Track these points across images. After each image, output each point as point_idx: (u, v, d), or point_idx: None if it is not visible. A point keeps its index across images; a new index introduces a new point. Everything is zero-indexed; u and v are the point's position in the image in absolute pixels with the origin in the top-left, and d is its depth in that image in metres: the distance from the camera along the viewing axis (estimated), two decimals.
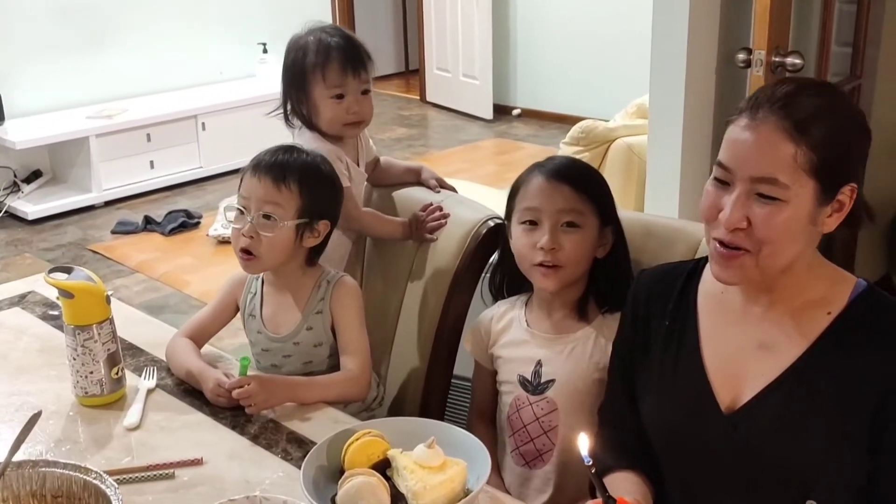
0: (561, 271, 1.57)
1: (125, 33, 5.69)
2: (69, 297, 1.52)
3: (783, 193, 1.17)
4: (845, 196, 1.20)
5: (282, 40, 6.90)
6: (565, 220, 1.56)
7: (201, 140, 5.64)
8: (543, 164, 1.63)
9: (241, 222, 1.61)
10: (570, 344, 1.60)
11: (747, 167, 1.18)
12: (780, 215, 1.17)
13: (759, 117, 1.18)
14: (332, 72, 1.82)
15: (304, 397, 1.57)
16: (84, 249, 4.68)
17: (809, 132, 1.16)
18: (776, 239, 1.19)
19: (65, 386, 1.61)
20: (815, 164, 1.16)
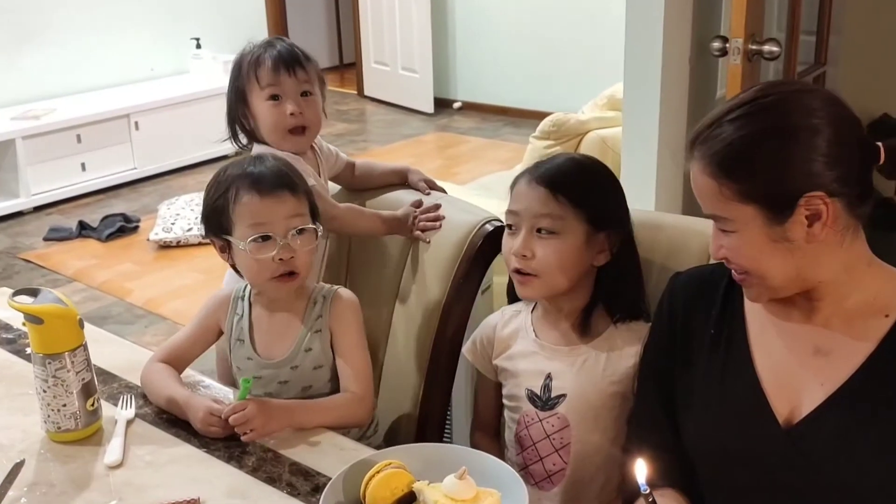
0: (537, 280, 1.46)
1: (52, 29, 5.41)
2: (38, 322, 1.36)
3: (731, 225, 1.17)
4: (817, 205, 1.12)
5: (215, 34, 6.76)
6: (540, 226, 1.45)
7: (135, 140, 5.41)
8: (538, 164, 1.51)
9: (269, 249, 1.47)
10: (581, 356, 1.49)
11: (703, 205, 1.21)
12: (740, 243, 1.18)
13: (688, 160, 1.20)
14: (264, 70, 1.72)
15: (305, 421, 1.43)
16: (15, 258, 4.43)
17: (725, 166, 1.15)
18: (752, 265, 1.18)
19: (32, 420, 1.45)
20: (743, 192, 1.14)
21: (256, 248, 1.47)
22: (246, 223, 1.48)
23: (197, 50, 5.98)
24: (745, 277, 1.21)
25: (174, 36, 6.00)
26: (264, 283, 1.52)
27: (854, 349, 1.17)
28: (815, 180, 1.12)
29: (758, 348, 1.25)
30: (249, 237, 1.47)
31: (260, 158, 1.55)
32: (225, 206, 1.49)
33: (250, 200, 1.47)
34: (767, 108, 1.15)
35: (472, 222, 1.69)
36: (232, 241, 1.50)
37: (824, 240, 1.15)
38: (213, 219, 1.53)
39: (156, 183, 5.46)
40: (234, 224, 1.49)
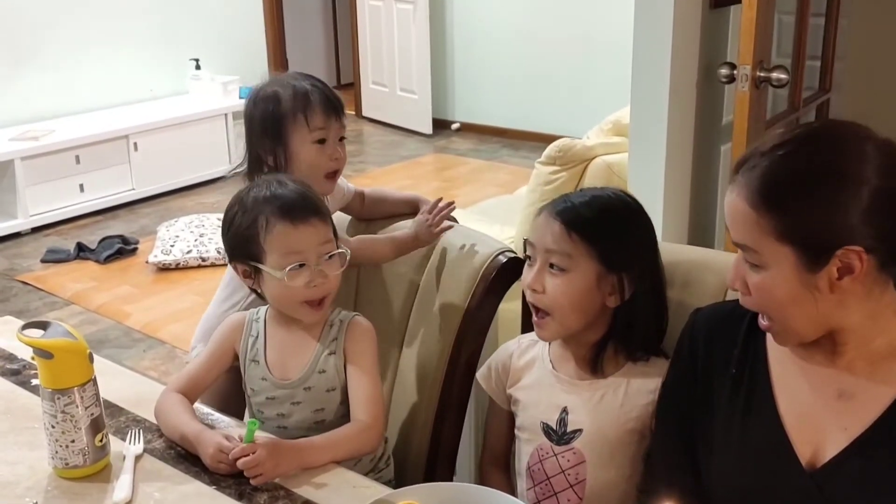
0: (551, 321, 1.43)
1: (51, 50, 5.40)
2: (47, 357, 1.34)
3: (760, 260, 1.14)
4: (851, 259, 1.09)
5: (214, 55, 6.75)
6: (551, 261, 1.42)
7: (133, 161, 5.39)
8: (565, 196, 1.48)
9: (303, 276, 1.47)
10: (599, 391, 1.47)
11: (732, 234, 1.17)
12: (766, 282, 1.14)
13: (730, 184, 1.17)
14: (316, 115, 1.71)
15: (315, 461, 1.40)
16: (12, 280, 4.39)
17: (769, 199, 1.11)
18: (772, 307, 1.16)
19: (38, 455, 1.42)
20: (782, 230, 1.11)
21: (292, 276, 1.47)
22: (280, 252, 1.47)
23: (196, 71, 5.98)
24: (770, 325, 1.18)
25: (173, 57, 6.00)
26: (295, 309, 1.52)
27: (878, 394, 1.15)
28: (856, 233, 1.08)
29: (780, 389, 1.22)
30: (285, 266, 1.46)
31: (280, 181, 1.54)
32: (254, 234, 1.48)
33: (283, 229, 1.47)
34: (823, 149, 1.12)
35: (486, 253, 1.67)
36: (263, 269, 1.49)
37: (850, 290, 1.12)
38: (240, 247, 1.52)
39: (154, 204, 5.43)
40: (266, 252, 1.48)
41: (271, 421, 1.55)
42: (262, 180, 1.54)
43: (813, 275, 1.11)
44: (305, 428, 1.52)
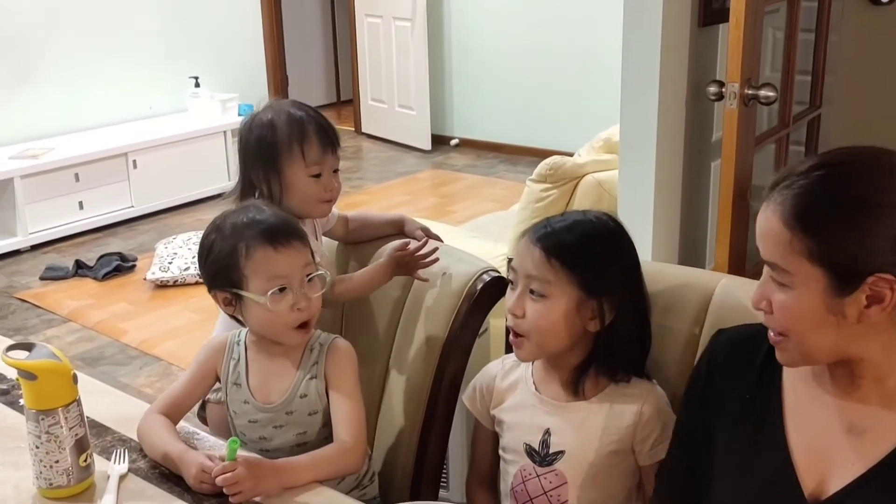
0: (527, 343, 1.44)
1: (50, 68, 5.44)
2: (31, 378, 1.35)
3: (789, 280, 1.13)
4: (882, 288, 1.09)
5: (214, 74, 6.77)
6: (531, 287, 1.43)
7: (132, 178, 5.42)
8: (548, 220, 1.47)
9: (286, 300, 1.48)
10: (581, 413, 1.47)
11: (761, 251, 1.16)
12: (793, 302, 1.14)
13: (764, 204, 1.16)
14: (313, 149, 1.71)
15: (296, 480, 1.41)
16: (11, 298, 4.41)
17: (805, 219, 1.11)
18: (795, 328, 1.15)
19: (23, 475, 1.43)
20: (815, 252, 1.11)
21: (275, 301, 1.47)
22: (263, 277, 1.48)
23: (195, 89, 6.01)
24: (781, 340, 1.18)
25: (172, 75, 6.03)
26: (280, 333, 1.52)
27: (890, 429, 1.15)
28: (889, 262, 1.08)
29: (792, 419, 1.22)
30: (267, 291, 1.47)
31: (257, 207, 1.55)
32: (235, 261, 1.48)
33: (266, 255, 1.47)
34: (862, 174, 1.12)
35: (470, 273, 1.68)
36: (245, 295, 1.49)
37: (875, 321, 1.11)
38: (221, 274, 1.51)
39: (153, 221, 5.46)
40: (248, 278, 1.48)
41: (254, 444, 1.56)
42: (239, 207, 1.55)
43: (840, 300, 1.11)
44: (288, 450, 1.53)
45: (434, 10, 6.83)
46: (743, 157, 2.53)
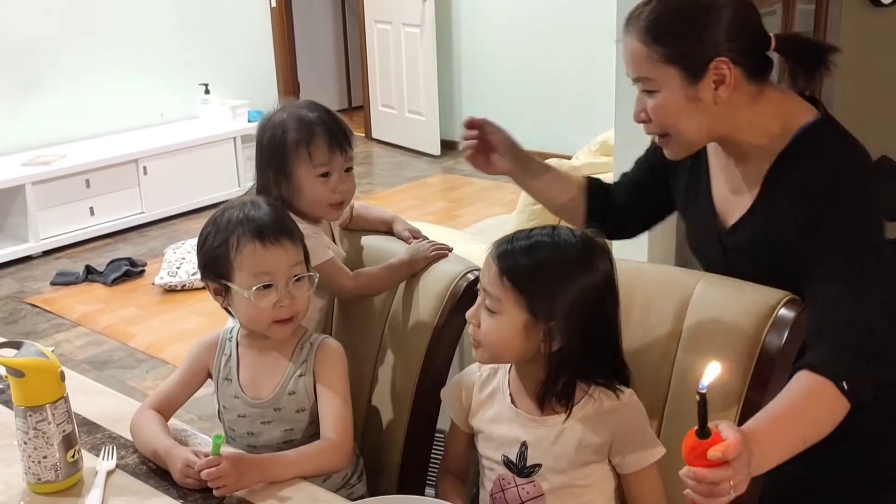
0: (482, 350, 1.45)
1: (61, 76, 5.51)
2: (19, 375, 1.38)
3: (655, 85, 1.50)
4: (722, 69, 1.46)
5: (224, 80, 6.81)
6: (486, 301, 1.43)
7: (143, 184, 5.47)
8: (514, 235, 1.45)
9: (270, 296, 1.51)
10: (557, 427, 1.46)
11: (630, 73, 1.53)
12: (661, 101, 1.51)
13: (623, 36, 1.53)
14: (319, 149, 1.70)
15: (280, 475, 1.44)
16: (21, 303, 4.47)
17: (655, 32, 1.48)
18: (669, 122, 1.52)
19: (13, 471, 1.47)
20: (668, 55, 1.47)
21: (259, 296, 1.50)
22: (249, 272, 1.51)
23: (206, 95, 6.07)
24: (665, 139, 1.55)
25: (183, 81, 6.10)
26: (263, 327, 1.55)
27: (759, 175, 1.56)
28: (722, 48, 1.46)
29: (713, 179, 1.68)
30: (252, 286, 1.50)
31: (255, 203, 1.57)
32: (226, 253, 1.52)
33: (253, 250, 1.50)
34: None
35: (455, 272, 1.71)
36: (232, 287, 1.53)
37: (729, 101, 1.49)
38: (211, 265, 1.56)
39: (163, 227, 5.51)
40: (235, 271, 1.52)
41: (242, 439, 1.59)
42: (237, 201, 1.58)
43: (695, 88, 1.48)
44: (275, 447, 1.56)
45: (443, 17, 6.87)
46: None
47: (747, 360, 1.47)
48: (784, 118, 1.54)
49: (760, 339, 1.46)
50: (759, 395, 1.45)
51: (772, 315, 1.47)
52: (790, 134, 1.52)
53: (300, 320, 1.58)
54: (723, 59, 1.45)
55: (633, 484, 1.48)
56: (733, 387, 1.48)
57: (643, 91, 1.52)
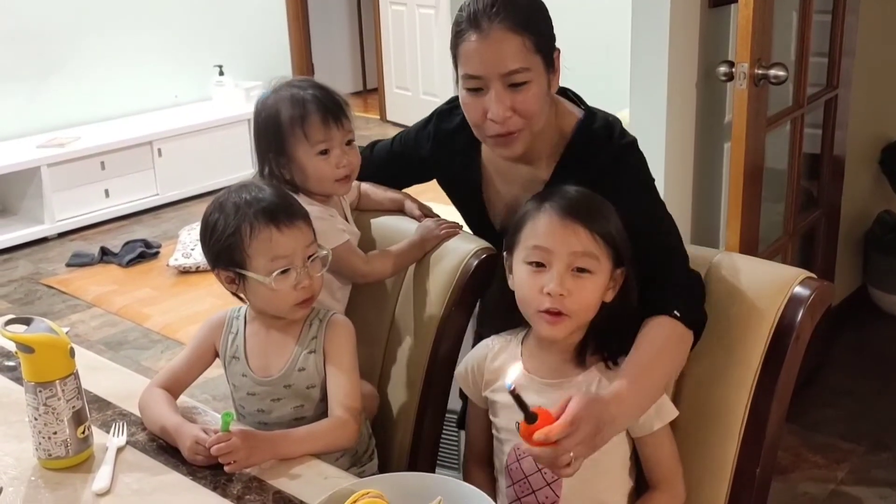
0: (567, 320, 1.42)
1: (76, 59, 5.51)
2: (29, 351, 1.38)
3: (529, 76, 1.52)
4: (559, 61, 1.58)
5: (238, 62, 6.78)
6: (577, 265, 1.41)
7: (157, 166, 5.48)
8: (554, 197, 1.46)
9: (289, 279, 1.50)
10: (571, 390, 1.44)
11: (497, 67, 1.50)
12: (532, 94, 1.53)
13: (485, 28, 1.50)
14: (314, 127, 1.66)
15: (289, 452, 1.44)
16: (37, 284, 4.49)
17: (526, 23, 1.51)
18: (536, 113, 1.55)
19: (25, 447, 1.47)
20: (536, 44, 1.52)
21: (279, 281, 1.49)
22: (266, 258, 1.49)
23: (220, 77, 6.06)
24: (513, 137, 1.55)
25: (197, 64, 6.09)
26: (283, 311, 1.54)
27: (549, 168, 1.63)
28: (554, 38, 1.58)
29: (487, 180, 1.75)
30: (271, 271, 1.48)
31: (258, 186, 1.55)
32: (239, 241, 1.49)
33: (270, 235, 1.48)
34: None
35: (466, 250, 1.69)
36: (248, 275, 1.51)
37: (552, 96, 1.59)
38: (224, 254, 1.53)
39: (178, 209, 5.52)
40: (251, 258, 1.50)
41: (252, 416, 1.59)
42: (239, 185, 1.55)
43: (548, 77, 1.56)
44: (286, 423, 1.55)
45: None
46: (754, 137, 2.52)
47: (762, 336, 1.46)
48: (561, 118, 1.64)
49: (775, 316, 1.45)
50: (774, 371, 1.44)
51: (787, 292, 1.45)
52: (568, 134, 1.63)
53: (316, 299, 1.57)
54: (558, 48, 1.58)
55: (647, 447, 1.48)
56: (748, 363, 1.46)
57: (507, 88, 1.51)
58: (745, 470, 1.48)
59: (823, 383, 3.15)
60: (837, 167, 3.19)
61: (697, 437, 1.52)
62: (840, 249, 3.35)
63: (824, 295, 1.46)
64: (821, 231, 3.24)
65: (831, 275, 3.29)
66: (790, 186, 2.92)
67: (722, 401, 1.49)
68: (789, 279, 1.47)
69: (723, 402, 1.49)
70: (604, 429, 1.32)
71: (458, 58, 1.57)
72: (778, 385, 1.44)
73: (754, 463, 1.47)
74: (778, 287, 1.47)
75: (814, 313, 1.45)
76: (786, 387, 1.46)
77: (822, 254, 3.27)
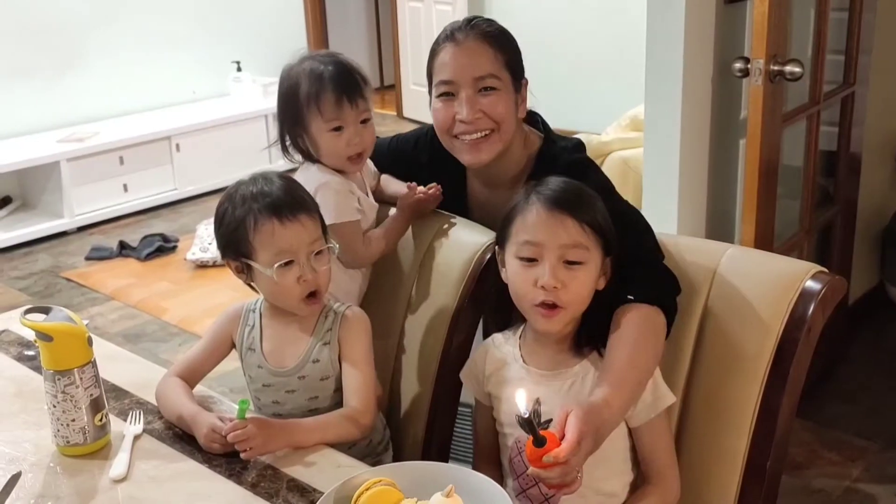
0: (562, 312, 1.43)
1: (95, 55, 5.56)
2: (48, 339, 1.41)
3: (497, 83, 1.68)
4: (525, 90, 1.75)
5: (255, 58, 6.81)
6: (568, 258, 1.42)
7: (175, 161, 5.52)
8: (540, 188, 1.47)
9: (292, 272, 1.51)
10: (568, 380, 1.48)
11: (469, 72, 1.66)
12: (499, 100, 1.68)
13: (460, 39, 1.67)
14: (328, 104, 1.68)
15: (304, 440, 1.46)
16: (57, 277, 4.53)
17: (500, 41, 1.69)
18: (503, 117, 1.67)
19: (44, 434, 1.50)
20: (505, 61, 1.68)
21: (281, 273, 1.51)
22: (269, 251, 1.51)
23: (237, 73, 6.09)
24: (485, 139, 1.68)
25: (215, 59, 6.12)
26: (289, 304, 1.56)
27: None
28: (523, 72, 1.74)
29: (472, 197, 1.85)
30: (274, 264, 1.50)
31: (267, 178, 1.56)
32: (244, 234, 1.51)
33: (272, 229, 1.50)
34: None
35: (479, 243, 1.70)
36: (253, 266, 1.53)
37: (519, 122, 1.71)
38: (232, 244, 1.55)
39: (196, 203, 5.55)
40: (256, 250, 1.52)
41: (267, 407, 1.60)
42: (252, 177, 1.57)
43: (516, 97, 1.71)
44: (300, 415, 1.56)
45: None
46: (769, 134, 2.52)
47: (773, 330, 1.46)
48: (529, 145, 1.77)
49: (786, 310, 1.45)
50: (785, 364, 1.45)
51: (798, 286, 1.46)
52: (531, 159, 1.75)
53: (325, 293, 1.58)
54: (526, 79, 1.74)
55: (645, 436, 1.49)
56: (759, 357, 1.47)
57: (478, 91, 1.66)
58: (755, 463, 1.48)
59: (839, 380, 3.15)
60: (854, 164, 3.18)
61: (708, 429, 1.52)
62: (857, 246, 3.34)
63: (836, 289, 1.46)
64: (837, 228, 3.23)
65: (848, 272, 3.28)
66: (806, 183, 2.91)
67: (733, 394, 1.50)
68: (801, 273, 1.47)
69: (733, 396, 1.50)
70: (600, 433, 1.35)
71: (433, 70, 1.72)
72: (789, 379, 1.45)
73: (765, 456, 1.47)
74: (789, 281, 1.47)
75: (825, 307, 1.45)
76: (796, 381, 1.46)
77: (838, 250, 3.26)
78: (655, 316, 1.48)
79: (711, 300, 1.54)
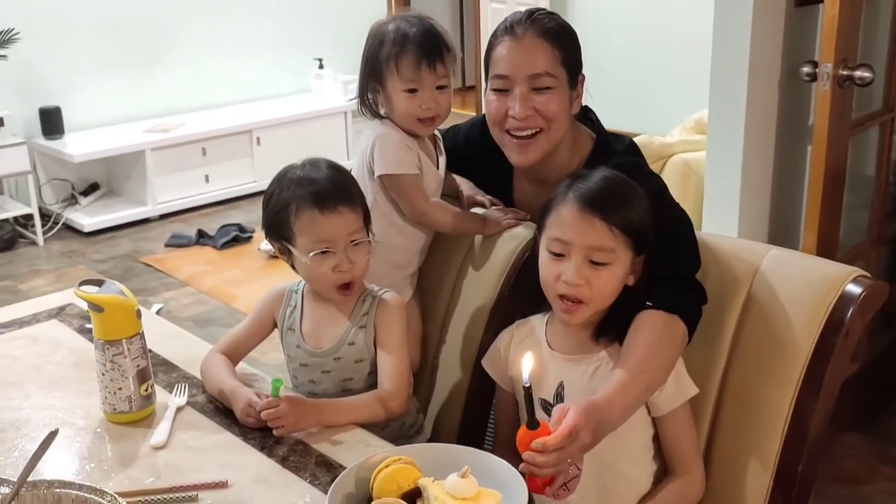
0: (584, 308, 1.45)
1: (182, 49, 5.74)
2: (99, 310, 1.48)
3: (553, 82, 1.65)
4: (582, 86, 1.72)
5: (337, 56, 6.91)
6: (594, 259, 1.43)
7: (256, 154, 5.65)
8: (579, 182, 1.48)
9: (329, 261, 1.55)
10: (593, 364, 1.49)
11: (525, 69, 1.64)
12: (554, 98, 1.65)
13: (518, 34, 1.65)
14: (406, 65, 1.70)
15: (335, 420, 1.50)
16: (136, 262, 4.70)
17: (559, 38, 1.66)
18: (556, 116, 1.66)
19: (94, 402, 1.57)
20: (563, 58, 1.65)
21: (317, 261, 1.55)
22: (308, 238, 1.55)
23: (319, 70, 6.21)
24: (536, 134, 1.66)
25: (297, 56, 6.25)
26: (323, 290, 1.61)
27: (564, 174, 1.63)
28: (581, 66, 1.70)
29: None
30: (311, 251, 1.54)
31: (316, 164, 1.61)
32: (286, 218, 1.56)
33: (312, 217, 1.54)
34: None
35: (524, 235, 1.72)
36: (293, 251, 1.58)
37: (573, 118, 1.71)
38: (275, 226, 1.61)
39: None
40: (296, 236, 1.56)
41: (303, 386, 1.65)
42: (304, 162, 1.61)
43: (571, 94, 1.68)
44: (334, 394, 1.61)
45: None
46: (836, 140, 2.47)
47: (811, 332, 1.44)
48: (581, 143, 1.75)
49: (825, 313, 1.43)
50: (821, 368, 1.43)
51: (838, 289, 1.44)
52: (585, 157, 1.73)
53: (360, 283, 1.61)
54: (582, 75, 1.71)
55: (668, 426, 1.49)
56: (796, 359, 1.45)
57: (531, 90, 1.64)
58: (787, 466, 1.46)
59: None
60: None
61: (741, 430, 1.51)
62: None
63: (877, 294, 1.44)
64: None
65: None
66: (877, 192, 2.84)
67: (767, 394, 1.48)
68: (841, 276, 1.45)
69: (768, 396, 1.48)
70: (597, 432, 1.35)
71: (490, 62, 1.70)
72: (824, 382, 1.43)
73: (797, 459, 1.45)
74: (829, 284, 1.45)
75: (865, 312, 1.43)
76: (832, 385, 1.44)
77: None
78: (674, 324, 1.47)
79: (751, 299, 1.53)
